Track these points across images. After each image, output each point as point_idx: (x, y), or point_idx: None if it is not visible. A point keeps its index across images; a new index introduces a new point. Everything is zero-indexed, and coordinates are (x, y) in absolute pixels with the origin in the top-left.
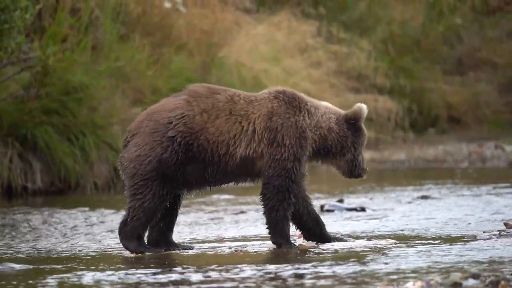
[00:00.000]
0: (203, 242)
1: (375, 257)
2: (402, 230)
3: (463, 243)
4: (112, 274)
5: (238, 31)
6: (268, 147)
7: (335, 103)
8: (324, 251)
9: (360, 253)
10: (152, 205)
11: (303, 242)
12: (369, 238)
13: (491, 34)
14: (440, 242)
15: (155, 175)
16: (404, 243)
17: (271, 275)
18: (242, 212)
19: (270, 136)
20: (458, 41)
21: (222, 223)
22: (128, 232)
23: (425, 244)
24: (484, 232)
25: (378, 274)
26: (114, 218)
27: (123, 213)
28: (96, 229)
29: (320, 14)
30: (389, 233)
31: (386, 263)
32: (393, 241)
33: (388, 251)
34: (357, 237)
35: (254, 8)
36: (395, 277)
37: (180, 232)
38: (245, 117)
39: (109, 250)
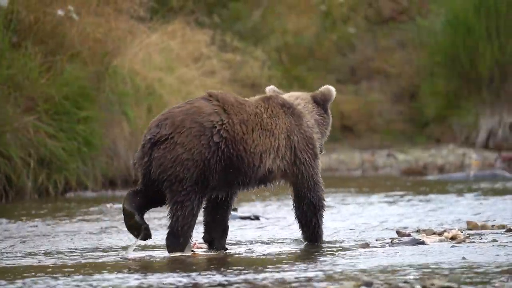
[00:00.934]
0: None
1: (268, 266)
2: (295, 239)
3: (355, 251)
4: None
5: (132, 40)
6: (289, 164)
7: None
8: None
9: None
10: (198, 211)
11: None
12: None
13: (383, 44)
14: (333, 250)
15: (201, 180)
16: (297, 251)
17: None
18: None
19: (291, 153)
20: (351, 50)
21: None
22: (182, 244)
23: (319, 252)
24: (376, 240)
25: (264, 282)
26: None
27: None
28: None
29: (215, 23)
30: (283, 241)
31: (276, 271)
32: (288, 249)
33: (284, 259)
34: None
35: (148, 17)
36: (287, 286)
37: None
38: (271, 133)
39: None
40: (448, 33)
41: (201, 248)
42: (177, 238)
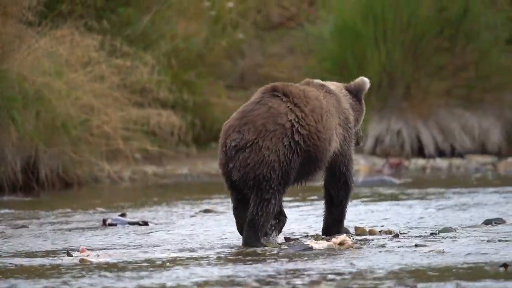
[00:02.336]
0: None
1: (155, 270)
2: (184, 243)
3: (242, 256)
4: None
5: (20, 44)
6: (339, 144)
7: (119, 117)
8: None
9: (143, 266)
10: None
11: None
12: (152, 251)
13: (272, 50)
14: (219, 254)
15: (284, 179)
16: (184, 256)
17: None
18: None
19: (341, 133)
20: (240, 56)
21: None
22: (259, 241)
23: (203, 257)
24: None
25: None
26: None
27: None
28: None
29: (104, 28)
30: (172, 246)
31: (168, 276)
32: (176, 254)
33: (171, 264)
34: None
35: (37, 21)
36: None
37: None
38: (331, 114)
39: None
40: (337, 40)
41: (86, 253)
42: (257, 233)
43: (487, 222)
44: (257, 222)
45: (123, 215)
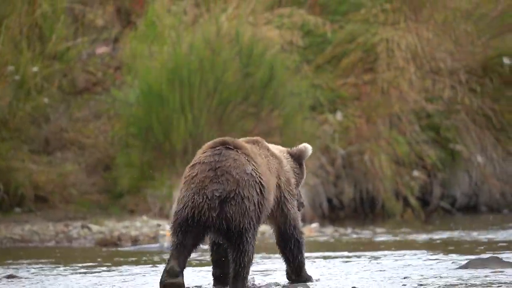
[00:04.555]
0: None
1: None
2: None
3: None
4: None
5: None
6: (276, 204)
7: None
8: None
9: None
10: None
11: None
12: None
13: (78, 114)
14: None
15: (257, 228)
16: None
17: None
18: None
19: (279, 194)
20: (45, 120)
21: None
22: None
23: None
24: None
25: None
26: None
27: None
28: None
29: None
30: None
31: None
32: None
33: None
34: None
35: None
36: None
37: None
38: (273, 173)
39: None
40: (142, 105)
41: None
42: (243, 281)
43: None
44: (242, 274)
45: None
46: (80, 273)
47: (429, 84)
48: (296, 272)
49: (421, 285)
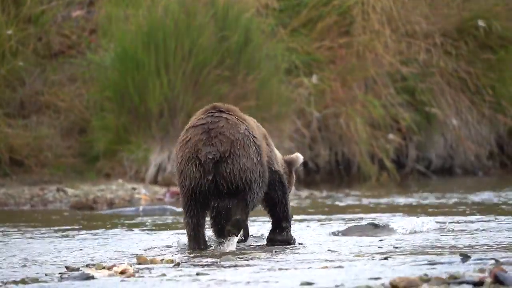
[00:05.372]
0: None
1: None
2: None
3: (24, 285)
4: None
5: None
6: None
7: None
8: None
9: None
10: None
11: None
12: None
13: (53, 78)
14: (2, 285)
15: (263, 182)
16: None
17: None
18: None
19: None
20: (20, 84)
21: None
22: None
23: None
24: (46, 275)
25: None
26: None
27: None
28: None
29: None
30: None
31: None
32: None
33: None
34: None
35: None
36: None
37: None
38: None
39: None
40: (118, 68)
41: None
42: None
43: (268, 250)
44: (243, 223)
45: None
46: (56, 237)
47: (404, 47)
48: (283, 220)
49: (396, 247)
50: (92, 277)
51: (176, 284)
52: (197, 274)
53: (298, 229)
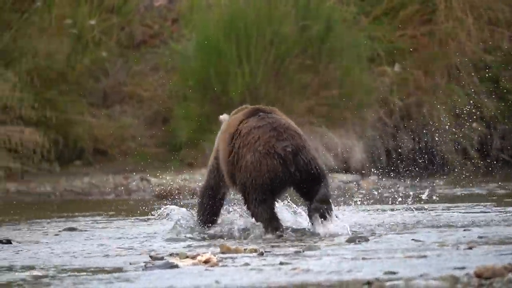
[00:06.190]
0: None
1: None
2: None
3: (108, 274)
4: None
5: None
6: None
7: None
8: None
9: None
10: None
11: None
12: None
13: (136, 68)
14: (87, 273)
15: None
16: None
17: None
18: None
19: None
20: (103, 74)
21: None
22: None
23: (69, 276)
24: (130, 264)
25: None
26: None
27: None
28: None
29: None
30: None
31: None
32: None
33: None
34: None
35: None
36: None
37: None
38: None
39: None
40: (200, 58)
41: None
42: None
43: (351, 240)
44: (330, 196)
45: None
46: (141, 225)
47: (487, 35)
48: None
49: (480, 237)
50: (176, 266)
51: (260, 273)
52: (281, 263)
53: (382, 218)
